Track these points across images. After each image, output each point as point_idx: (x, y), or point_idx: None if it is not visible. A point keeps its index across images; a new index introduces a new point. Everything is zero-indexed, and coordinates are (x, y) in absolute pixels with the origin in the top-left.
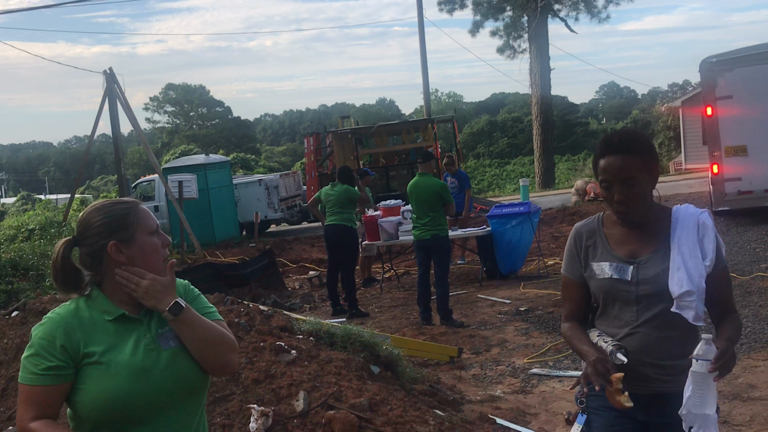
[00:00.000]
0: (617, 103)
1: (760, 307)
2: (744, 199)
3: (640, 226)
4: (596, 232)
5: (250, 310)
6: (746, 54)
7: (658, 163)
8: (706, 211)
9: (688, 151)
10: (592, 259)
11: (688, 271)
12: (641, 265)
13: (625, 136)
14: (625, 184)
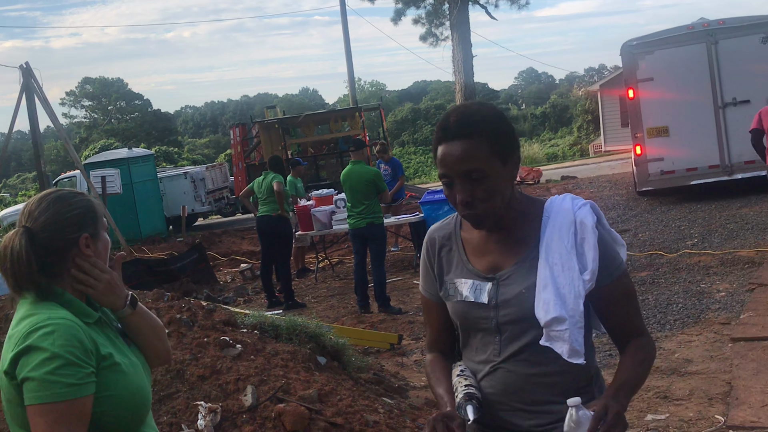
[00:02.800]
0: (536, 88)
1: (690, 283)
2: (667, 179)
3: (502, 229)
4: (452, 237)
5: (191, 305)
6: (665, 37)
7: (517, 144)
8: (587, 205)
9: (608, 134)
10: (447, 273)
11: (558, 290)
12: (502, 282)
13: (464, 115)
14: (469, 179)
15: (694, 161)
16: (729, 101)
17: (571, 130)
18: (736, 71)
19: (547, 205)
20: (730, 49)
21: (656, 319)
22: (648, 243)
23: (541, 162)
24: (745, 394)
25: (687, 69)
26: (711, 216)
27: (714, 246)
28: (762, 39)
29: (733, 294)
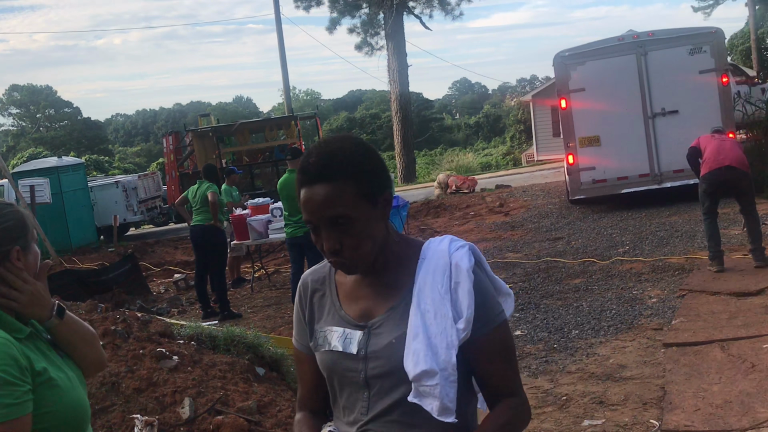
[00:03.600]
0: (470, 98)
1: (623, 289)
2: (599, 188)
3: (376, 273)
4: (326, 282)
5: (126, 316)
6: (596, 48)
7: (388, 180)
8: (465, 247)
9: (540, 143)
10: (318, 320)
11: (429, 340)
12: (373, 331)
13: (325, 156)
14: (335, 225)
15: (624, 170)
16: (658, 111)
17: (504, 139)
18: (664, 82)
19: (425, 246)
20: (659, 61)
21: (590, 326)
22: (581, 250)
23: (475, 171)
24: (679, 398)
25: (617, 80)
26: (641, 224)
27: (645, 253)
28: (689, 51)
29: (665, 300)
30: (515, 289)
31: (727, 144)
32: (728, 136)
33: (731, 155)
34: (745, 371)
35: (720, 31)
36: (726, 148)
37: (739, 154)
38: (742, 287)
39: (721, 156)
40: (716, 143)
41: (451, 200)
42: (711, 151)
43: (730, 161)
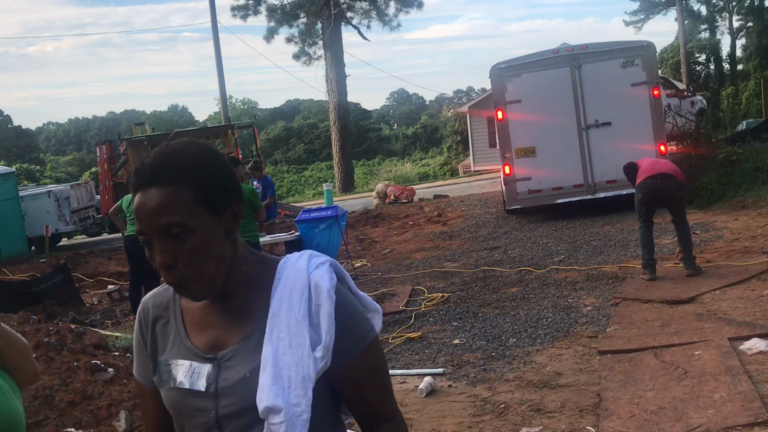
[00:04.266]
0: (407, 109)
1: (558, 298)
2: (534, 198)
3: (226, 297)
4: (170, 307)
5: (60, 328)
6: (532, 60)
7: (237, 191)
8: (325, 264)
9: (476, 154)
10: (162, 352)
11: (279, 373)
12: (224, 364)
13: (163, 157)
14: (169, 236)
15: (559, 181)
16: (592, 123)
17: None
18: (598, 94)
19: (281, 265)
20: (593, 73)
21: (527, 334)
22: (517, 259)
23: (414, 181)
24: (614, 405)
25: (552, 92)
26: (576, 233)
27: (580, 262)
28: (622, 64)
29: (599, 308)
30: (454, 298)
31: (664, 160)
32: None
33: (667, 166)
34: (678, 378)
35: (651, 44)
36: (662, 161)
37: (675, 167)
38: (674, 295)
39: (657, 166)
40: (653, 158)
41: (389, 210)
42: (648, 162)
43: (667, 170)
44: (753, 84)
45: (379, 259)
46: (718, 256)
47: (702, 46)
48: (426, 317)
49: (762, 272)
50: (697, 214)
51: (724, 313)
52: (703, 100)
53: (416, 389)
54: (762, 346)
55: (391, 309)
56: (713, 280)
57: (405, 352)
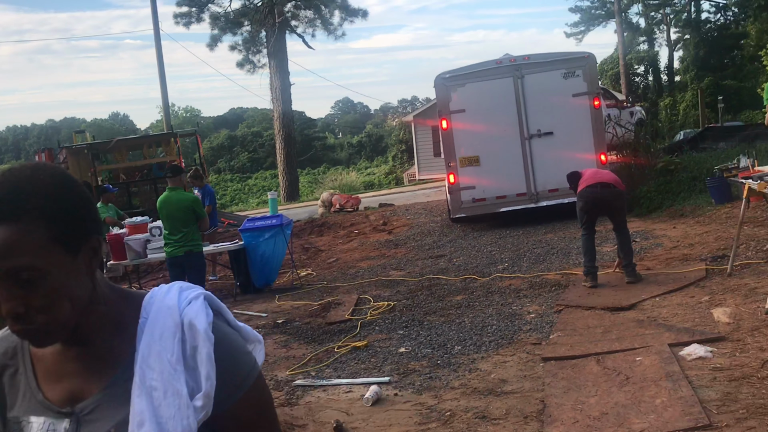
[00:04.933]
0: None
1: (503, 305)
2: (479, 206)
3: (83, 341)
4: (18, 354)
5: None
6: (476, 70)
7: (96, 222)
8: (199, 299)
9: (421, 163)
10: (11, 407)
11: (160, 427)
12: (84, 418)
13: (6, 186)
14: (17, 281)
15: (503, 189)
16: (534, 133)
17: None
18: (540, 104)
19: (146, 302)
20: (535, 84)
21: (473, 341)
22: (462, 268)
23: (359, 190)
24: (558, 411)
25: (496, 101)
26: (520, 241)
27: (523, 270)
28: (563, 74)
29: (543, 315)
30: (399, 306)
31: (605, 170)
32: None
33: (608, 176)
34: (620, 383)
35: (592, 56)
36: (604, 171)
37: (615, 177)
38: (616, 302)
39: (598, 175)
40: (596, 168)
41: (335, 219)
42: (590, 171)
43: (607, 179)
44: (690, 95)
45: (324, 268)
46: (657, 264)
47: (641, 58)
48: (372, 326)
49: (700, 279)
50: (636, 222)
51: (664, 320)
52: (642, 111)
53: (362, 398)
54: (701, 351)
55: (336, 318)
56: (653, 287)
57: (351, 361)
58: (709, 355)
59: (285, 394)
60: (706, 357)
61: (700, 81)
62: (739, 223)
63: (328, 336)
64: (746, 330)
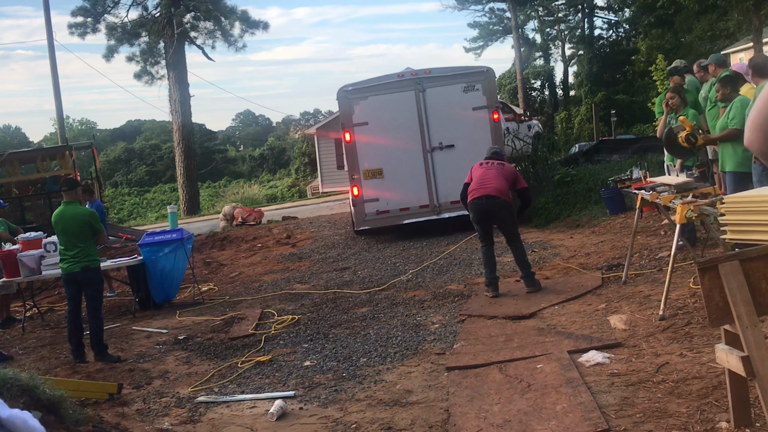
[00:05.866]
0: (254, 130)
1: (407, 316)
2: (382, 218)
3: None
4: None
5: None
6: (378, 84)
7: None
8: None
9: (325, 175)
10: None
11: None
12: None
13: None
14: None
15: (406, 202)
16: (436, 145)
17: (290, 171)
18: (441, 117)
19: None
20: (436, 97)
21: (378, 353)
22: (367, 279)
23: (261, 203)
24: (462, 420)
25: (398, 114)
26: (423, 253)
27: (427, 281)
28: (464, 88)
29: (446, 325)
30: (304, 319)
31: (491, 173)
32: (496, 164)
33: (492, 185)
34: (521, 391)
35: (491, 70)
36: (489, 178)
37: (500, 185)
38: (517, 311)
39: (482, 186)
40: (481, 173)
41: (237, 232)
42: (475, 180)
43: (490, 191)
44: (584, 109)
45: (226, 283)
46: (556, 273)
47: (537, 73)
48: (276, 340)
49: (597, 287)
50: (535, 232)
51: (563, 327)
52: (539, 124)
53: (267, 413)
54: (599, 358)
55: (239, 333)
56: (552, 295)
57: (255, 376)
58: (607, 361)
59: (187, 411)
60: (603, 363)
61: (593, 95)
62: (632, 233)
63: (231, 351)
64: (641, 336)
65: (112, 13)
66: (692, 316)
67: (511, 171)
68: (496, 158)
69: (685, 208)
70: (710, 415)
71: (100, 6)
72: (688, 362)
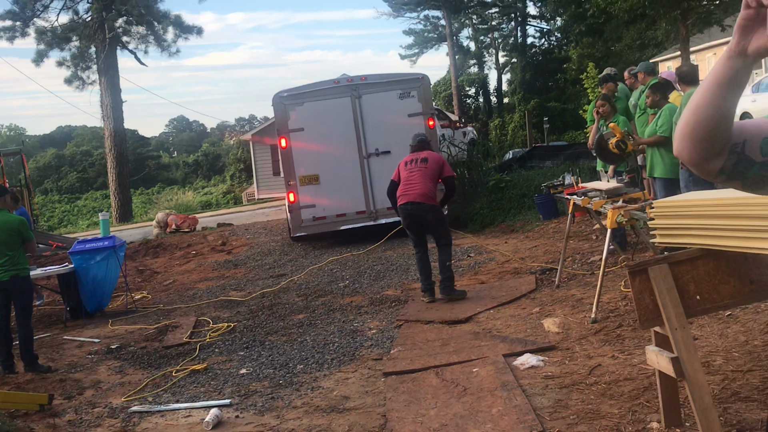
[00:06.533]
0: (188, 136)
1: (344, 322)
2: (319, 225)
3: None
4: None
5: None
6: (314, 90)
7: None
8: None
9: (260, 181)
10: None
11: None
12: None
13: None
14: None
15: (343, 208)
16: (372, 152)
17: (225, 178)
18: (377, 124)
19: None
20: (372, 104)
21: (314, 359)
22: (304, 286)
23: (196, 210)
24: (399, 425)
25: (334, 121)
26: (360, 259)
27: (364, 287)
28: (399, 95)
29: (383, 331)
30: (240, 327)
31: (416, 176)
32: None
33: (416, 191)
34: (458, 395)
35: (426, 77)
36: (413, 182)
37: (425, 188)
38: (453, 316)
39: (407, 191)
40: (406, 175)
41: (171, 240)
42: (402, 183)
43: (414, 197)
44: (518, 116)
45: (160, 291)
46: (491, 278)
47: (472, 80)
48: (211, 348)
49: (531, 291)
50: (470, 237)
51: (498, 331)
52: (474, 131)
53: (202, 422)
54: (533, 360)
55: (174, 341)
56: (487, 300)
57: (190, 385)
58: (541, 364)
59: (121, 421)
60: (538, 366)
61: (527, 103)
62: (565, 237)
63: (165, 360)
64: (574, 339)
65: (41, 17)
66: (623, 319)
67: (436, 167)
68: (422, 148)
69: (615, 213)
70: (641, 416)
71: (29, 10)
72: (620, 364)
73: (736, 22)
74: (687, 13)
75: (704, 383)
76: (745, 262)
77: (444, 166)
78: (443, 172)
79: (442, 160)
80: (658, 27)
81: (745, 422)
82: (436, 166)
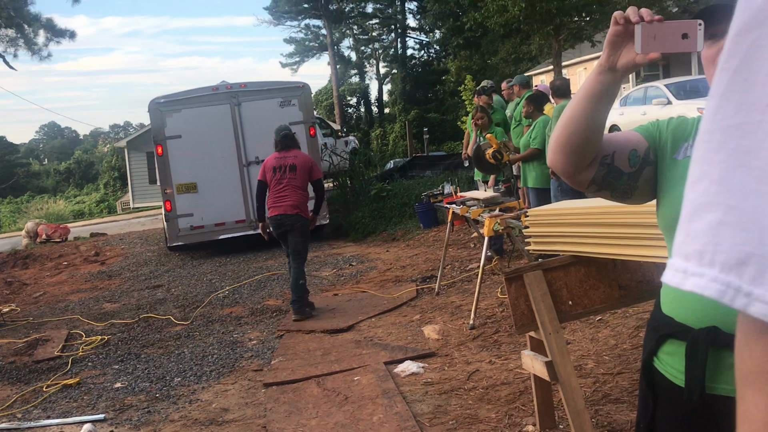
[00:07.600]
0: (59, 143)
1: (224, 333)
2: (197, 234)
3: None
4: None
5: None
6: (192, 96)
7: None
8: None
9: (136, 190)
10: None
11: None
12: None
13: None
14: None
15: (222, 216)
16: (252, 160)
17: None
18: (257, 132)
19: None
20: (252, 111)
21: (193, 372)
22: (181, 297)
23: (67, 219)
24: None
25: (213, 128)
26: (240, 268)
27: (244, 297)
28: (280, 103)
29: (264, 341)
30: (114, 340)
31: (287, 187)
32: (288, 172)
33: (288, 201)
34: (339, 404)
35: (307, 86)
36: (285, 194)
37: (295, 200)
38: (334, 325)
39: (278, 203)
40: (274, 186)
41: (41, 250)
42: (271, 193)
43: (285, 209)
44: (398, 126)
45: (30, 303)
46: (372, 286)
47: (353, 90)
48: (84, 362)
49: (412, 299)
50: (352, 246)
51: (379, 339)
52: (356, 140)
53: None
54: (414, 367)
55: (44, 355)
56: (369, 308)
57: (61, 401)
58: (421, 371)
59: None
60: (418, 373)
61: (407, 113)
62: (444, 246)
63: (35, 375)
64: (453, 345)
65: None
66: (500, 325)
67: (305, 174)
68: (288, 145)
69: (492, 222)
70: (518, 419)
71: None
72: (497, 369)
73: (605, 38)
74: (559, 28)
75: (577, 386)
76: (614, 268)
77: (313, 169)
78: (312, 175)
79: (310, 163)
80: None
81: (615, 423)
82: (305, 174)
